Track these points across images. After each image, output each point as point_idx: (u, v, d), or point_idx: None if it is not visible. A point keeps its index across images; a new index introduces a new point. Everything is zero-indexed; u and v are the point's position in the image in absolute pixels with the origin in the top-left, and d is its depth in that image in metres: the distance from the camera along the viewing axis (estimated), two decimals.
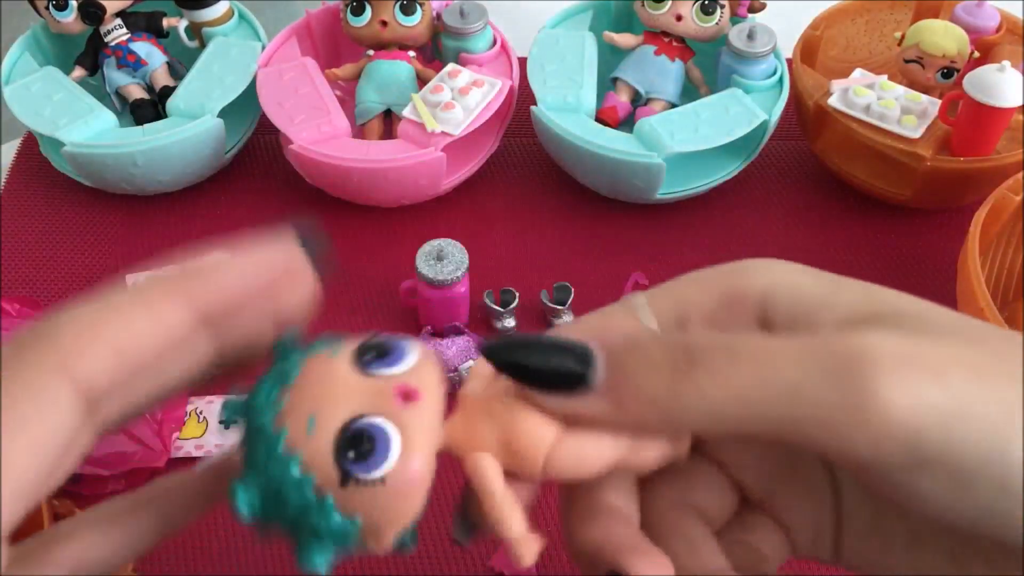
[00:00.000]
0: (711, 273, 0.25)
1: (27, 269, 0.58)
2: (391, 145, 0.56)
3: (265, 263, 0.23)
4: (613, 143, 0.55)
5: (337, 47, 0.67)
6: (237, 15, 0.65)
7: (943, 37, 0.56)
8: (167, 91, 0.62)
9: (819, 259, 0.58)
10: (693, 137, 0.55)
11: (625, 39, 0.63)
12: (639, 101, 0.62)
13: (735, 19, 0.61)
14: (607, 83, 0.63)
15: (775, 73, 0.59)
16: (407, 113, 0.57)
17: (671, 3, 0.60)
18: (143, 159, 0.57)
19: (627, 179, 0.56)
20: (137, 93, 0.63)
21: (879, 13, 0.66)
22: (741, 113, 0.57)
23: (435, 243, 0.51)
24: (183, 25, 0.64)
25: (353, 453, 0.20)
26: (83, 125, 0.57)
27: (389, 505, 0.20)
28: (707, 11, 0.60)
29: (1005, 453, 0.18)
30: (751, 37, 0.58)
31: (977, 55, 0.57)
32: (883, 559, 0.24)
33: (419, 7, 0.60)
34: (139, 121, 0.61)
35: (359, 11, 0.60)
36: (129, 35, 0.63)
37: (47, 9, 0.61)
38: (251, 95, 0.60)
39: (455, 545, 0.24)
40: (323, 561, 0.20)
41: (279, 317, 0.23)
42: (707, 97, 0.58)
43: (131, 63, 0.63)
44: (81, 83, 0.62)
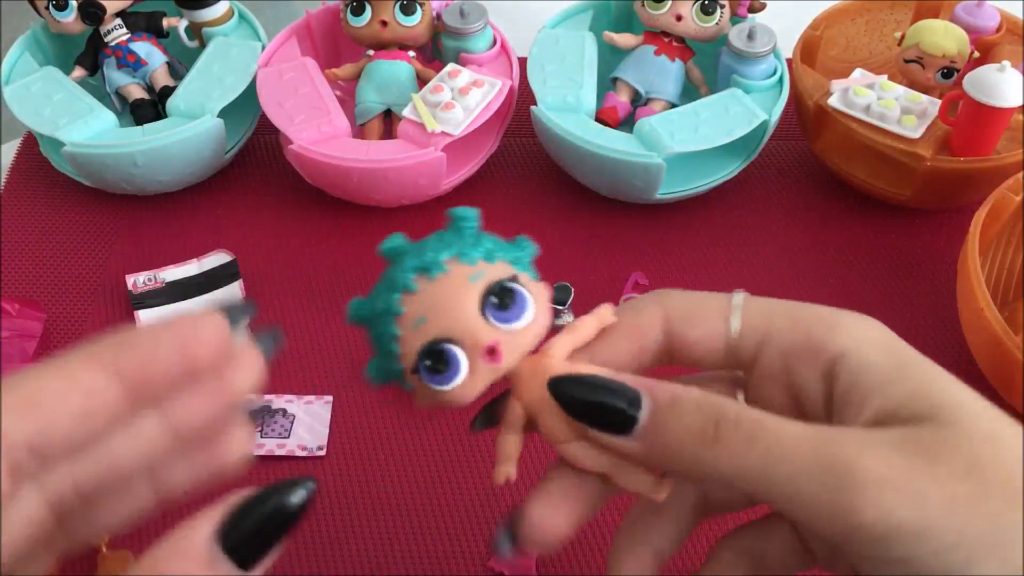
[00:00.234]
0: (806, 313, 0.28)
1: (27, 269, 0.58)
2: (391, 145, 0.56)
3: (188, 335, 0.23)
4: (613, 143, 0.55)
5: (337, 47, 0.67)
6: (237, 15, 0.65)
7: (943, 37, 0.56)
8: (167, 91, 0.62)
9: (819, 259, 0.58)
10: (693, 137, 0.55)
11: (625, 39, 0.63)
12: (639, 101, 0.62)
13: (735, 19, 0.61)
14: (607, 83, 0.63)
15: (775, 73, 0.59)
16: (407, 113, 0.57)
17: (671, 3, 0.60)
18: (143, 159, 0.57)
19: (627, 179, 0.56)
20: (137, 93, 0.63)
21: (879, 13, 0.66)
22: (741, 113, 0.57)
23: None
24: (183, 25, 0.64)
25: (430, 362, 0.26)
26: (83, 125, 0.57)
27: (437, 403, 0.27)
28: (707, 11, 0.60)
29: (967, 571, 0.22)
30: (751, 37, 0.58)
31: (977, 55, 0.57)
32: None
33: (419, 7, 0.60)
34: (139, 121, 0.61)
35: (359, 11, 0.60)
36: (129, 35, 0.63)
37: (47, 9, 0.61)
38: (251, 95, 0.60)
39: (470, 430, 0.30)
40: (375, 377, 0.27)
41: (230, 397, 0.24)
42: (707, 97, 0.58)
43: (131, 63, 0.63)
44: (81, 83, 0.62)
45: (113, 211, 0.62)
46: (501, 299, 0.26)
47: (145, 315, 0.55)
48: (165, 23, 0.64)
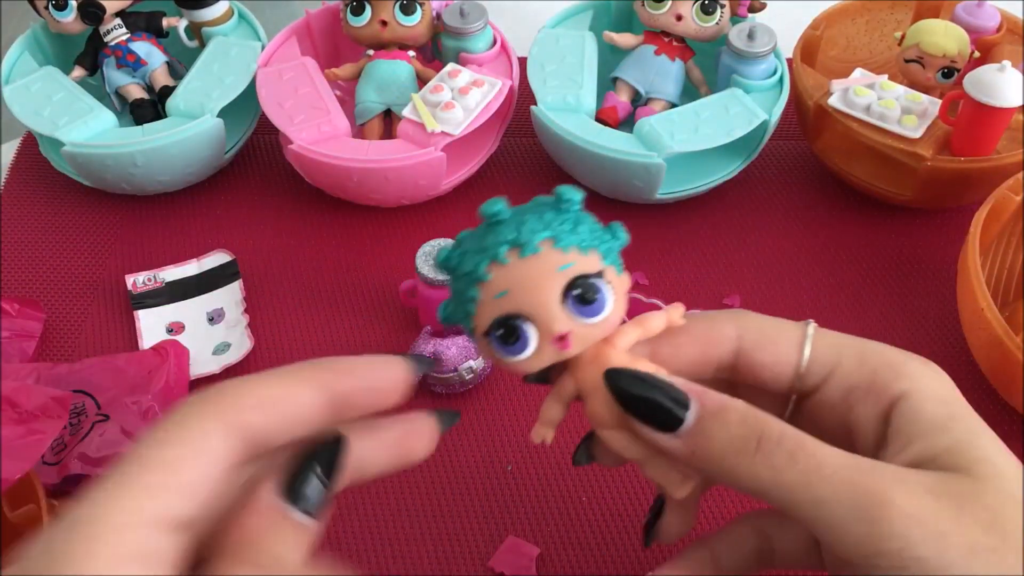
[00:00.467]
0: (874, 354, 0.30)
1: (27, 269, 0.58)
2: (391, 145, 0.56)
3: (381, 372, 0.28)
4: (613, 143, 0.55)
5: (337, 47, 0.67)
6: (237, 15, 0.65)
7: (943, 37, 0.56)
8: (167, 91, 0.62)
9: (819, 259, 0.58)
10: (693, 137, 0.55)
11: (625, 39, 0.63)
12: (639, 101, 0.62)
13: (735, 19, 0.61)
14: (607, 83, 0.63)
15: (775, 73, 0.59)
16: (407, 113, 0.57)
17: (671, 3, 0.60)
18: (143, 159, 0.57)
19: (627, 179, 0.56)
20: (137, 93, 0.63)
21: (879, 13, 0.66)
22: (741, 113, 0.57)
23: (435, 243, 0.51)
24: (183, 25, 0.64)
25: (502, 332, 0.27)
26: (83, 125, 0.57)
27: (498, 363, 0.29)
28: (707, 11, 0.60)
29: None
30: (751, 37, 0.58)
31: (977, 55, 0.57)
32: None
33: (419, 7, 0.60)
34: (139, 121, 0.61)
35: (359, 11, 0.60)
36: (129, 35, 0.63)
37: (47, 9, 0.61)
38: (251, 95, 0.60)
39: (524, 381, 0.32)
40: (444, 320, 0.29)
41: (405, 458, 0.29)
42: (707, 97, 0.58)
43: (131, 63, 0.63)
44: (81, 83, 0.62)
45: (113, 211, 0.62)
46: (583, 294, 0.27)
47: (144, 315, 0.55)
48: (165, 23, 0.64)
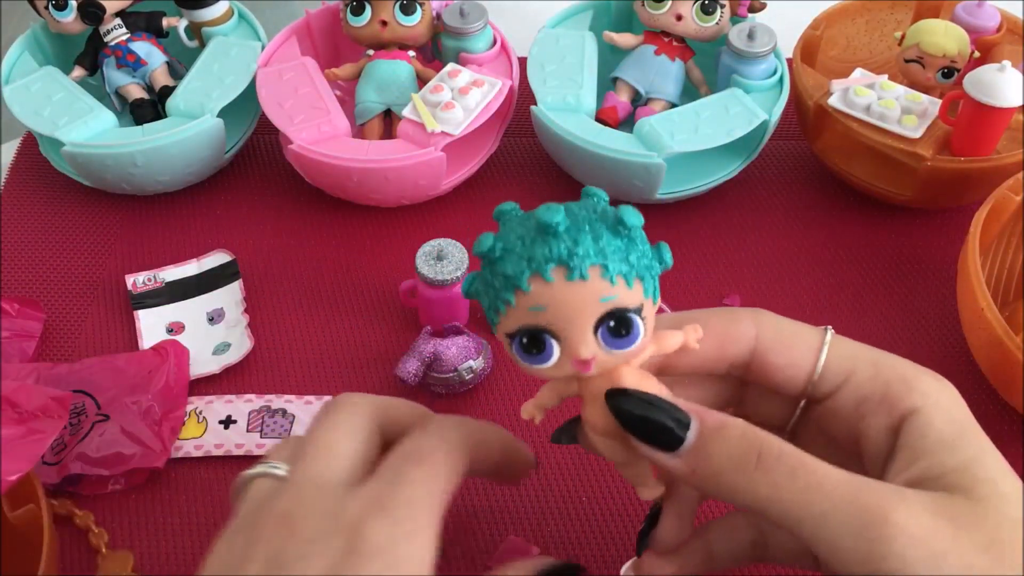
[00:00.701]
0: (888, 366, 0.30)
1: (27, 269, 0.58)
2: (391, 145, 0.56)
3: (509, 445, 0.33)
4: (613, 143, 0.55)
5: (337, 47, 0.67)
6: (237, 15, 0.65)
7: (943, 37, 0.56)
8: (167, 91, 0.62)
9: (819, 259, 0.58)
10: (693, 137, 0.55)
11: (625, 39, 0.63)
12: (639, 101, 0.62)
13: (735, 19, 0.61)
14: (607, 83, 0.63)
15: (775, 73, 0.59)
16: (407, 113, 0.57)
17: (671, 3, 0.60)
18: (143, 159, 0.57)
19: (627, 179, 0.56)
20: (137, 93, 0.63)
21: (879, 13, 0.66)
22: (741, 113, 0.57)
23: (435, 243, 0.51)
24: (183, 25, 0.64)
25: (527, 341, 0.28)
26: (83, 125, 0.57)
27: (515, 362, 0.29)
28: (707, 11, 0.60)
29: None
30: (751, 37, 0.58)
31: (977, 55, 0.57)
32: None
33: (419, 7, 0.60)
34: (139, 121, 0.61)
35: (359, 11, 0.60)
36: (129, 35, 0.63)
37: (47, 9, 0.61)
38: (251, 95, 0.60)
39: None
40: (467, 294, 0.29)
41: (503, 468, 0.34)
42: (707, 97, 0.58)
43: (131, 63, 0.63)
44: (81, 83, 0.62)
45: (113, 211, 0.62)
46: (617, 328, 0.27)
47: (144, 315, 0.55)
48: (165, 23, 0.64)
